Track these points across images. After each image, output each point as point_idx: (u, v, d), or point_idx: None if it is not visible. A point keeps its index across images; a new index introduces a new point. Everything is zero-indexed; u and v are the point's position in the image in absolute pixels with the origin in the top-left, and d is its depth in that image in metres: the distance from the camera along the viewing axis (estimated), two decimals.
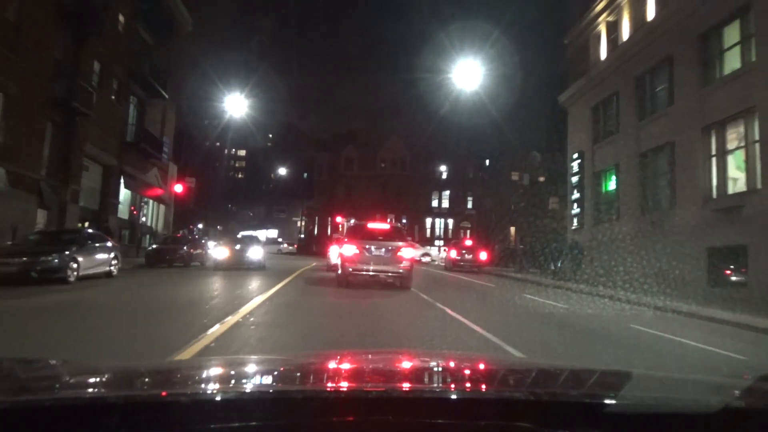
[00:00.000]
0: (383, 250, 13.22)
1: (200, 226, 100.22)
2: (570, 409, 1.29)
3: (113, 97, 24.63)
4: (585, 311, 12.03)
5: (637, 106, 20.72)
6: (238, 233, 59.66)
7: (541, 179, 64.24)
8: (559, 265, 30.81)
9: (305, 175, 76.32)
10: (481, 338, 7.22)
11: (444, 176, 63.66)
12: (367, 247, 13.19)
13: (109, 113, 23.97)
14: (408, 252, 13.38)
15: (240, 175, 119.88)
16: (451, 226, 64.40)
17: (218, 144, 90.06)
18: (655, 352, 7.32)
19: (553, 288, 19.17)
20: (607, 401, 1.33)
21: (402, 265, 13.18)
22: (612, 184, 22.78)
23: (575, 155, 25.57)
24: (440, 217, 63.98)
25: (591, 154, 24.15)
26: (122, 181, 25.63)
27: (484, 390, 1.65)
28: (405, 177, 62.34)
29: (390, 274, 13.27)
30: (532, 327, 8.83)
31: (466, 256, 28.15)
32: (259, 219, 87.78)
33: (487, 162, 66.85)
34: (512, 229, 64.50)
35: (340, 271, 13.72)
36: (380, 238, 13.53)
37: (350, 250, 13.21)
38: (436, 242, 60.43)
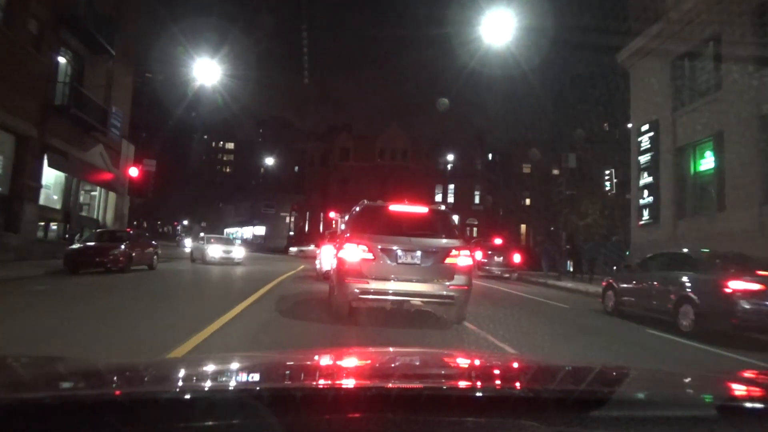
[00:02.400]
0: (418, 254, 7.06)
1: (185, 222, 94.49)
2: (569, 406, 1.24)
3: (31, 44, 18.30)
4: None
5: (755, 50, 14.64)
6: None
7: (556, 172, 58.88)
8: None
9: (296, 168, 70.15)
10: None
11: (449, 168, 57.60)
12: (386, 248, 7.04)
13: (24, 65, 17.63)
14: (465, 259, 7.21)
15: (228, 169, 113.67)
16: (456, 223, 58.44)
17: (194, 121, 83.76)
18: None
19: None
20: (606, 398, 1.28)
21: (454, 282, 7.04)
22: (707, 163, 16.74)
23: (644, 127, 19.49)
24: None
25: (670, 123, 18.09)
26: (45, 157, 19.29)
27: (483, 386, 1.60)
28: (406, 169, 56.20)
29: (431, 299, 7.13)
30: None
31: (496, 258, 22.17)
32: (246, 215, 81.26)
33: (491, 156, 61.71)
34: (523, 227, 59.05)
35: (336, 292, 7.54)
36: (412, 231, 7.42)
37: (355, 253, 7.06)
38: None
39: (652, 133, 18.98)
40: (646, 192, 19.17)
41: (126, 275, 15.74)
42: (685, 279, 9.65)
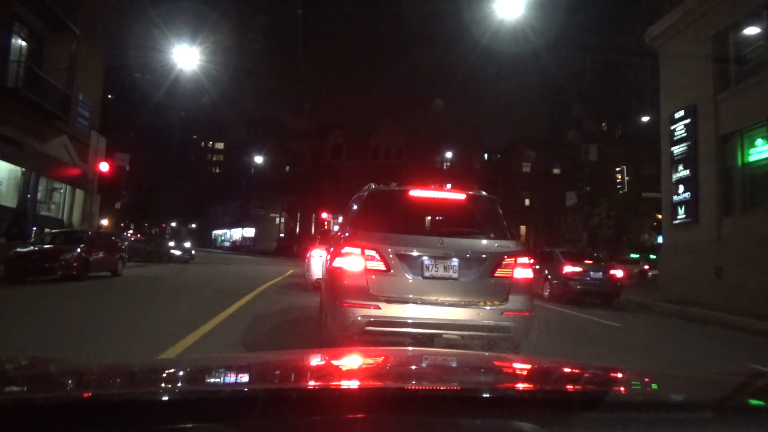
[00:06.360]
0: (455, 262, 4.67)
1: (173, 224, 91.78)
2: (565, 406, 1.23)
3: None
4: None
5: None
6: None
7: (556, 171, 56.85)
8: None
9: (287, 168, 67.57)
10: None
11: (446, 167, 55.34)
12: (406, 253, 4.64)
13: None
14: (523, 270, 4.80)
15: (217, 169, 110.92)
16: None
17: (183, 120, 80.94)
18: None
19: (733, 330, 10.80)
20: (602, 398, 1.27)
21: (509, 305, 4.64)
22: (760, 152, 14.45)
23: (678, 114, 17.19)
24: None
25: (712, 109, 15.78)
26: None
27: (479, 387, 1.54)
28: (401, 167, 53.74)
29: (475, 331, 4.68)
30: None
31: None
32: (236, 216, 78.53)
33: (489, 155, 59.74)
34: (522, 228, 56.87)
35: (329, 320, 5.08)
36: (444, 229, 5.08)
37: (358, 262, 4.65)
38: None
39: (688, 120, 16.68)
40: (681, 187, 16.85)
41: (80, 284, 13.31)
42: (546, 266, 15.18)
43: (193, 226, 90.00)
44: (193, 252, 29.23)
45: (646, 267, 26.12)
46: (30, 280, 13.21)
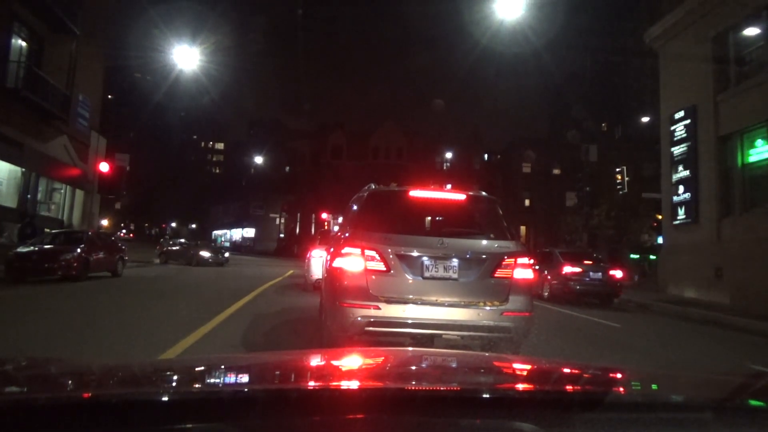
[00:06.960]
0: (455, 263, 4.67)
1: (173, 224, 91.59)
2: (565, 407, 1.23)
3: None
4: None
5: None
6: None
7: (556, 171, 56.94)
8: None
9: (287, 168, 67.56)
10: None
11: (446, 167, 55.37)
12: (406, 254, 4.63)
13: None
14: (523, 270, 4.79)
15: (217, 170, 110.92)
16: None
17: (183, 120, 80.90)
18: None
19: None
20: (602, 399, 1.26)
21: (509, 306, 4.65)
22: (760, 152, 14.45)
23: (678, 114, 17.18)
24: None
25: (711, 109, 15.79)
26: None
27: (479, 387, 1.53)
28: (401, 167, 53.81)
29: (475, 332, 4.66)
30: None
31: None
32: (235, 216, 78.48)
33: (489, 155, 59.87)
34: (522, 228, 56.87)
35: (329, 321, 5.07)
36: (444, 229, 5.09)
37: (358, 262, 4.64)
38: None
39: (688, 121, 16.68)
40: (681, 187, 16.85)
41: (80, 284, 13.31)
42: (545, 267, 15.19)
43: (193, 226, 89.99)
44: (226, 255, 28.17)
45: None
46: (30, 281, 13.20)
